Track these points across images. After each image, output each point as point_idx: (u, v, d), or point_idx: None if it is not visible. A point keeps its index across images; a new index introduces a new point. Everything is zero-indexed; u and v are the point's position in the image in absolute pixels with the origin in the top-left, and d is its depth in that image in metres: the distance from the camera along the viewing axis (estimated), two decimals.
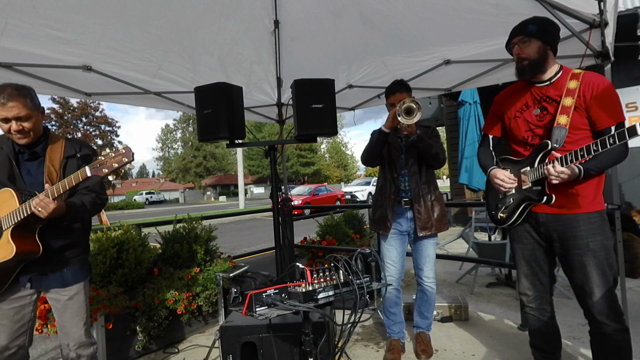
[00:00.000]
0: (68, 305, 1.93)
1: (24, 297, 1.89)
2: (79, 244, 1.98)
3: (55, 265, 1.89)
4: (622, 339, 1.78)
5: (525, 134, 1.96)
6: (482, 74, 3.54)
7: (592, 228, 1.80)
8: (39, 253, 1.79)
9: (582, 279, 1.81)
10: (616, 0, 2.30)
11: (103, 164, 1.58)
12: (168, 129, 61.40)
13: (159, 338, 3.12)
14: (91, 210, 1.92)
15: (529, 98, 1.95)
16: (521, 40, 1.86)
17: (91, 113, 34.37)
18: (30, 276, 1.87)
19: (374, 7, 2.86)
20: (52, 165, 1.86)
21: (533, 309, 2.04)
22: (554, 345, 2.07)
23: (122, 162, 1.58)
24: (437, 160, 2.58)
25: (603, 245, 1.79)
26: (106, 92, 3.61)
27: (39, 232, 1.79)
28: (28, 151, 1.87)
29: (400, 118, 2.27)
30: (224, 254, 4.08)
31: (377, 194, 2.81)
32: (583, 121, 1.80)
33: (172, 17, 2.87)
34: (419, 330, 2.80)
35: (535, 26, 1.82)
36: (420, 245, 2.68)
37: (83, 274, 2.00)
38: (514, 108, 2.01)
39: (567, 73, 1.87)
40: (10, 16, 2.37)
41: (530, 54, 1.84)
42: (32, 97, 1.80)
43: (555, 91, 1.86)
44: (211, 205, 35.71)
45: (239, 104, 2.80)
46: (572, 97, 1.79)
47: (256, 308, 1.53)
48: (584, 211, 1.81)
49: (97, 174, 1.58)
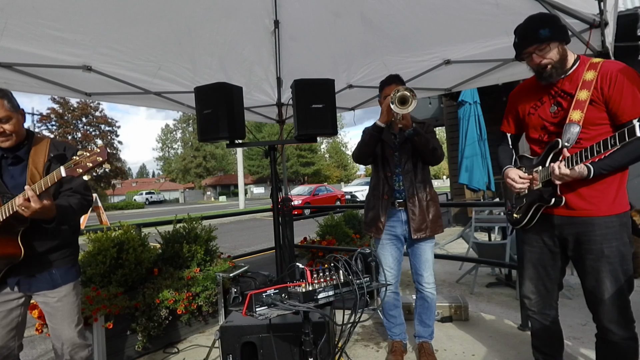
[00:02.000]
0: (58, 307, 1.89)
1: (10, 301, 1.84)
2: (67, 245, 1.95)
3: (44, 266, 1.85)
4: (629, 347, 1.71)
5: (540, 131, 1.87)
6: (482, 74, 3.54)
7: (608, 233, 1.69)
8: (20, 256, 1.75)
9: (593, 284, 1.73)
10: (616, 1, 2.30)
11: (78, 163, 1.55)
12: (168, 129, 61.58)
13: (159, 338, 3.12)
14: (78, 211, 1.88)
15: (544, 93, 1.85)
16: (537, 48, 1.72)
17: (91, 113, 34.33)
18: (18, 278, 1.83)
19: (374, 7, 2.85)
20: (36, 169, 1.83)
21: (535, 312, 1.98)
22: (555, 348, 2.02)
23: (97, 161, 1.55)
24: (435, 155, 2.45)
25: (619, 251, 1.68)
26: (106, 92, 3.61)
27: (23, 235, 1.75)
28: (11, 155, 1.84)
29: (393, 107, 2.14)
30: (224, 254, 4.09)
31: (369, 194, 2.69)
32: (601, 115, 1.67)
33: (172, 17, 2.87)
34: (422, 340, 2.66)
35: (547, 29, 1.69)
36: (418, 249, 2.56)
37: (73, 274, 1.96)
38: (528, 104, 1.92)
39: (584, 63, 1.74)
40: (10, 16, 2.37)
41: (552, 57, 1.71)
42: (9, 99, 1.77)
43: (570, 84, 1.75)
44: (211, 205, 35.71)
45: (239, 104, 2.80)
46: (588, 90, 1.66)
47: (256, 308, 1.53)
48: (602, 214, 1.70)
49: (71, 174, 1.55)
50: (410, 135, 2.39)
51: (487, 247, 4.44)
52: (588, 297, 1.79)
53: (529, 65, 1.83)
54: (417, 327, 2.68)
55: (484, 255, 4.35)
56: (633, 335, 1.72)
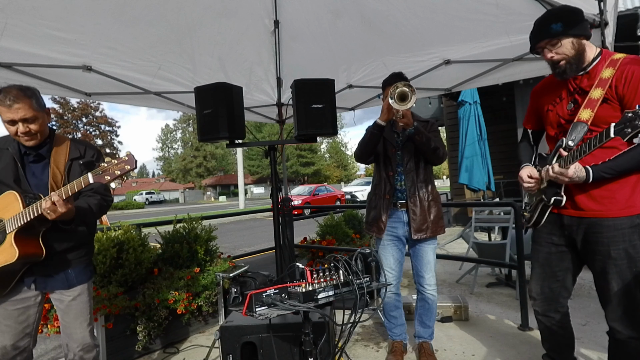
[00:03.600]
0: (71, 305, 1.92)
1: (28, 299, 1.88)
2: (83, 245, 1.97)
3: (60, 266, 1.88)
4: (637, 347, 1.68)
5: (557, 129, 1.84)
6: (482, 74, 3.54)
7: (615, 235, 1.66)
8: (42, 256, 1.78)
9: (602, 284, 1.74)
10: (616, 1, 2.30)
11: (106, 171, 1.58)
12: (168, 129, 61.55)
13: (159, 338, 3.12)
14: (97, 212, 1.91)
15: (563, 90, 1.80)
16: (549, 43, 1.69)
17: (91, 113, 34.37)
18: (34, 277, 1.86)
19: (374, 7, 2.86)
20: (57, 168, 1.86)
21: (539, 313, 1.97)
22: (564, 357, 1.97)
23: (125, 169, 1.57)
24: (437, 154, 2.43)
25: (627, 254, 1.65)
26: (106, 92, 3.61)
27: (43, 235, 1.79)
28: (33, 153, 1.86)
29: (393, 103, 2.12)
30: (224, 254, 4.08)
31: (371, 193, 2.68)
32: (615, 114, 1.60)
33: (172, 17, 2.87)
34: (422, 340, 2.65)
35: (560, 23, 1.64)
36: (420, 251, 2.54)
37: (87, 274, 1.99)
38: (547, 101, 1.88)
39: (605, 59, 1.68)
40: (10, 16, 2.37)
41: (565, 52, 1.66)
42: (37, 98, 1.79)
43: (588, 81, 1.70)
44: (211, 205, 35.70)
45: (239, 104, 2.80)
46: (603, 89, 1.62)
47: (256, 308, 1.53)
48: (612, 215, 1.66)
49: (99, 181, 1.58)
50: (411, 134, 2.38)
51: (487, 247, 4.44)
52: (599, 295, 1.79)
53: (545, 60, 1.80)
54: (417, 327, 2.68)
55: (484, 255, 4.35)
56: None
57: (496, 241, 4.82)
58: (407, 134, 2.42)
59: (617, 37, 2.50)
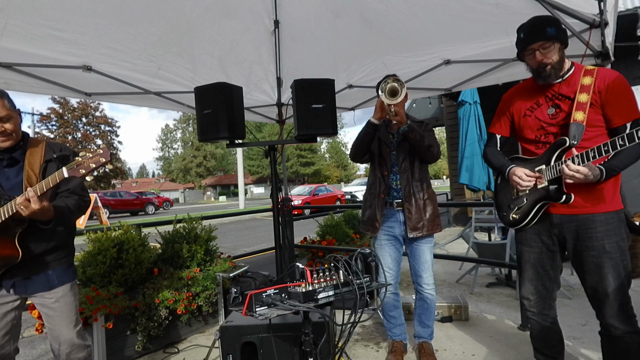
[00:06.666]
0: (56, 308, 1.88)
1: (6, 304, 1.83)
2: (63, 247, 1.94)
3: (39, 268, 1.84)
4: (632, 341, 1.73)
5: (537, 132, 1.91)
6: (482, 74, 3.54)
7: (609, 229, 1.74)
8: (18, 258, 1.74)
9: (596, 280, 1.76)
10: (616, 0, 2.31)
11: (80, 164, 1.55)
12: (168, 129, 61.57)
13: (159, 338, 3.12)
14: (76, 212, 1.88)
15: (540, 96, 1.90)
16: (542, 45, 1.76)
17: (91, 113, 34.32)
18: (13, 280, 1.82)
19: (374, 7, 2.85)
20: (32, 170, 1.82)
21: (535, 313, 1.99)
22: (556, 350, 2.02)
23: (100, 162, 1.55)
24: (431, 152, 2.44)
25: (619, 246, 1.74)
26: (106, 92, 3.61)
27: (20, 237, 1.75)
28: (7, 156, 1.83)
29: (383, 98, 2.16)
30: (224, 254, 4.09)
31: (366, 193, 2.70)
32: (599, 118, 1.74)
33: (172, 17, 2.87)
34: (422, 340, 2.66)
35: (553, 28, 1.75)
36: (417, 250, 2.55)
37: (69, 275, 1.95)
38: (524, 106, 1.95)
39: (579, 69, 1.81)
40: (10, 16, 2.37)
41: (552, 57, 1.76)
42: (8, 98, 1.79)
43: (568, 88, 1.81)
44: (211, 205, 35.67)
45: (239, 104, 2.80)
46: (588, 94, 1.73)
47: (256, 308, 1.53)
48: (601, 210, 1.75)
49: (74, 175, 1.56)
50: (404, 131, 2.40)
51: (487, 247, 4.44)
52: (591, 294, 1.81)
53: (528, 65, 1.87)
54: (416, 327, 2.68)
55: (484, 255, 4.35)
56: (636, 329, 1.75)
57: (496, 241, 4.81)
58: (401, 132, 2.44)
59: (617, 37, 2.50)
